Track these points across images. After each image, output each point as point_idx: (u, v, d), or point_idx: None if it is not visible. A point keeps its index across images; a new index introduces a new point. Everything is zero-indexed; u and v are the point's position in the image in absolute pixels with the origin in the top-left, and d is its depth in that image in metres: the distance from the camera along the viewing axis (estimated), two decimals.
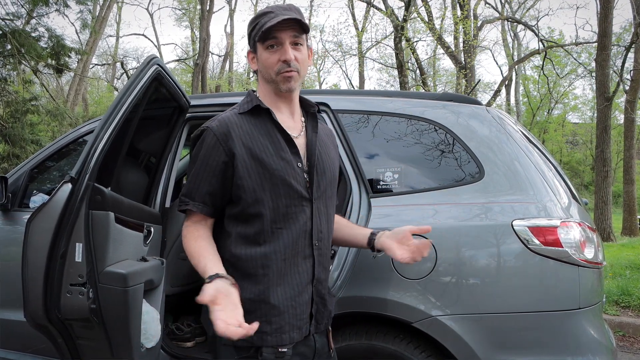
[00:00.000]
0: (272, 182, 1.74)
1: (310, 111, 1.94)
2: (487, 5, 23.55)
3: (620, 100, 21.68)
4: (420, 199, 2.67)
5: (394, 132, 2.82)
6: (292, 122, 1.88)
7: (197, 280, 3.58)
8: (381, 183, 2.72)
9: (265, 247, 1.75)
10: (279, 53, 1.77)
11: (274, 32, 1.75)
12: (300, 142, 1.85)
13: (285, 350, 1.74)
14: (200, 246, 1.76)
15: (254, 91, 1.91)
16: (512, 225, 2.47)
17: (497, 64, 64.16)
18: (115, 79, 36.82)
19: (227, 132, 1.76)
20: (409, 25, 19.85)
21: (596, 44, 15.04)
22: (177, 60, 36.32)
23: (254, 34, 1.80)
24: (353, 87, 33.23)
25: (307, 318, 1.82)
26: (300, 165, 1.80)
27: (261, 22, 1.77)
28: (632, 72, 15.80)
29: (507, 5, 25.60)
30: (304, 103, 1.94)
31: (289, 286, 1.77)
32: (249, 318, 1.59)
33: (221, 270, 1.68)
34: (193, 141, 1.83)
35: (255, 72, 1.90)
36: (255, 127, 1.80)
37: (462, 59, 20.39)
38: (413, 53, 21.20)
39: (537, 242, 2.42)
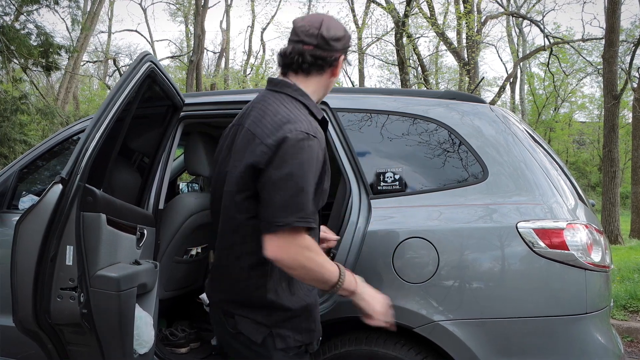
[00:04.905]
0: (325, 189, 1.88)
1: None
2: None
3: (629, 98, 21.48)
4: (422, 200, 2.61)
5: (395, 132, 2.76)
6: None
7: (191, 284, 3.53)
8: (382, 184, 2.66)
9: None
10: None
11: None
12: None
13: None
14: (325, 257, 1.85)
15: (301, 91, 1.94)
16: (516, 228, 2.41)
17: (501, 60, 64.02)
18: (108, 77, 36.61)
19: (324, 140, 1.86)
20: (410, 20, 19.72)
21: (603, 40, 14.89)
22: (171, 57, 36.02)
23: (349, 45, 1.99)
24: (353, 84, 33.05)
25: None
26: None
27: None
28: None
29: (512, 0, 25.34)
30: None
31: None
32: (307, 321, 1.93)
33: None
34: (293, 148, 1.73)
35: (321, 71, 1.94)
36: None
37: (465, 55, 20.18)
38: (415, 50, 21.07)
39: (542, 244, 2.37)
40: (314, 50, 1.86)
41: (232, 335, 1.90)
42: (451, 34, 22.32)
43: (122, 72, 29.50)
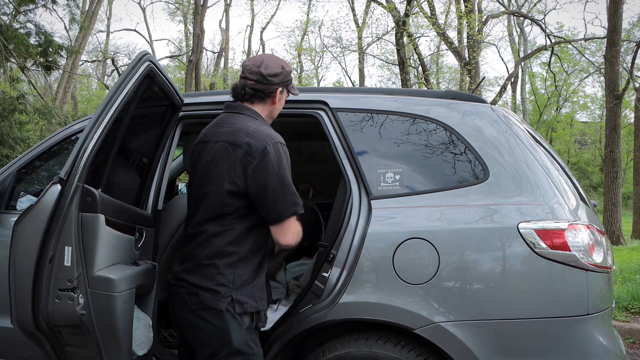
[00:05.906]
0: None
1: None
2: None
3: (631, 98, 21.35)
4: (422, 201, 2.60)
5: (396, 132, 2.75)
6: None
7: None
8: (382, 184, 2.64)
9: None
10: None
11: None
12: None
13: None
14: None
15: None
16: (517, 228, 2.40)
17: (502, 60, 63.55)
18: (106, 76, 36.48)
19: None
20: (411, 20, 19.56)
21: (605, 39, 14.81)
22: (170, 57, 35.81)
23: (288, 79, 2.42)
24: (353, 84, 32.91)
25: None
26: None
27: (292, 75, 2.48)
28: None
29: None
30: None
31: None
32: (259, 291, 2.30)
33: None
34: (278, 152, 2.22)
35: (262, 100, 2.38)
36: None
37: (466, 55, 20.03)
38: (415, 49, 20.96)
39: (543, 245, 2.36)
40: (254, 85, 2.34)
41: (192, 312, 2.22)
42: (452, 34, 22.17)
43: (120, 72, 29.44)
